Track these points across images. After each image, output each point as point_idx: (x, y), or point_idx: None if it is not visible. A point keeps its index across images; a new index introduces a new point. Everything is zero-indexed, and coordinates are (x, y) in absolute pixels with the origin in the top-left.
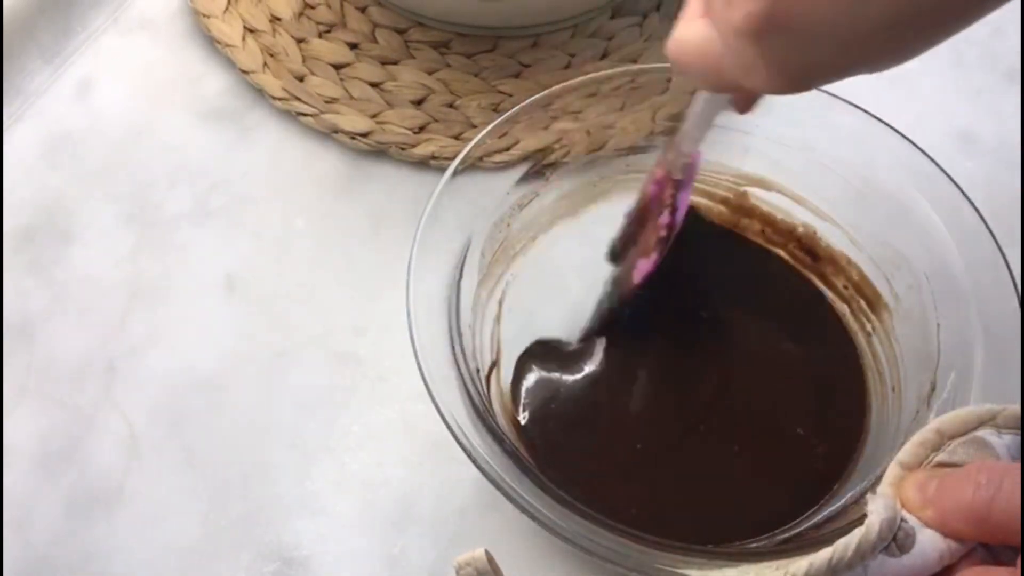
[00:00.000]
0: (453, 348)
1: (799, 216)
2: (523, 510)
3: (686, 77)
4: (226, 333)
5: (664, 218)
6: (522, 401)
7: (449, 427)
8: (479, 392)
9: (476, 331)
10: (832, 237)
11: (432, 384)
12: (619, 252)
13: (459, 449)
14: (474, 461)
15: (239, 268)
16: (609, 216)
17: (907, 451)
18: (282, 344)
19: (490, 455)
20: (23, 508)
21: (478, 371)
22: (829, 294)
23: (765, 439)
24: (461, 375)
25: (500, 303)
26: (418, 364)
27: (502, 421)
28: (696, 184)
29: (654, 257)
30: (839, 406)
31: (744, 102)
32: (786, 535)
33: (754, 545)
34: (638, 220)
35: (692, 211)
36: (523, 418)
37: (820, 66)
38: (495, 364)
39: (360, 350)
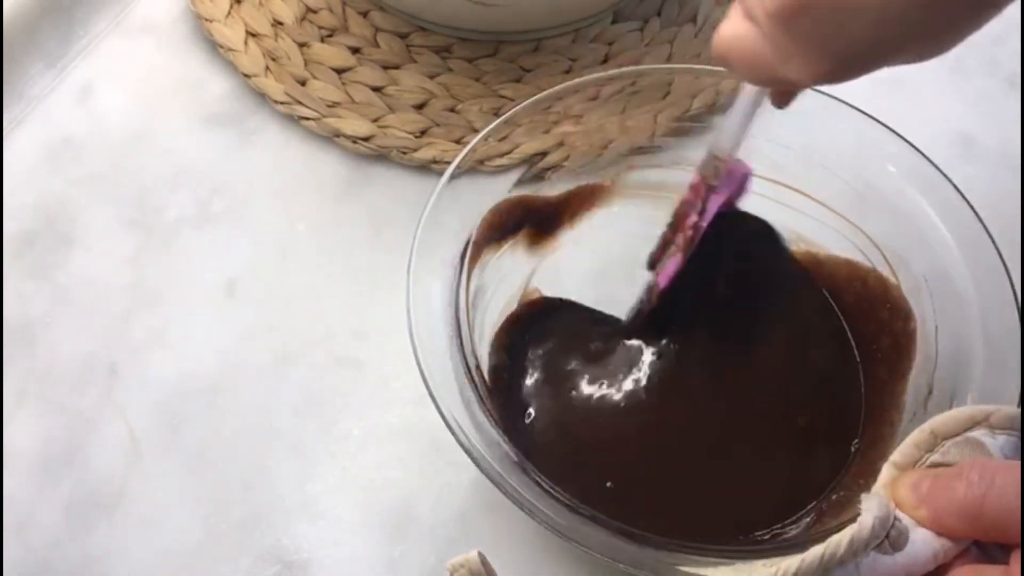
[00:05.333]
0: (454, 348)
1: (798, 220)
2: (522, 507)
3: (730, 71)
4: (227, 337)
5: (691, 219)
6: (523, 399)
7: (449, 426)
8: (479, 391)
9: (476, 326)
10: (832, 239)
11: (432, 383)
12: (655, 259)
13: (459, 452)
14: (473, 459)
15: (240, 272)
16: (610, 213)
17: (901, 452)
18: (283, 348)
19: (490, 454)
20: (24, 512)
21: (478, 367)
22: (831, 297)
23: (763, 437)
24: (462, 374)
25: None
26: (418, 363)
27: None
28: None
29: (678, 259)
30: (838, 404)
31: (781, 96)
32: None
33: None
34: (672, 227)
35: (734, 215)
36: (524, 416)
37: (854, 47)
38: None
39: (360, 354)
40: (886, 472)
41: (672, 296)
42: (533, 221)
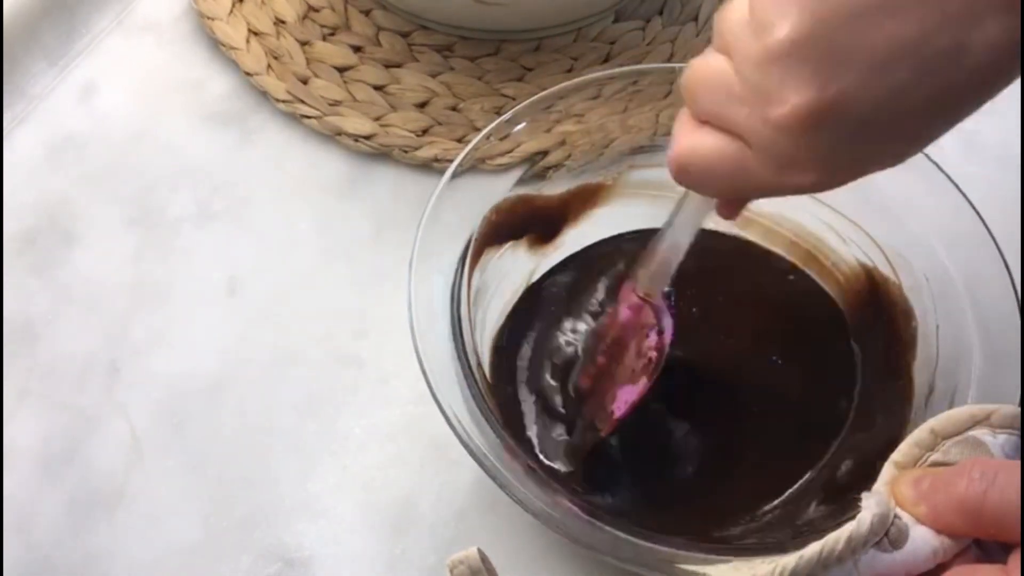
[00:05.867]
0: (455, 346)
1: (800, 218)
2: (522, 505)
3: (694, 188)
4: (228, 335)
5: (651, 340)
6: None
7: (450, 423)
8: (480, 390)
9: (477, 325)
10: (833, 238)
11: (433, 382)
12: (584, 387)
13: (460, 451)
14: (474, 457)
15: (241, 270)
16: (611, 213)
17: (901, 451)
18: (284, 346)
19: (491, 452)
20: (25, 510)
21: (479, 366)
22: (831, 292)
23: (763, 432)
24: (463, 373)
25: None
26: (419, 362)
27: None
28: None
29: (642, 383)
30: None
31: (732, 207)
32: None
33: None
34: (608, 349)
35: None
36: (524, 414)
37: (862, 156)
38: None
39: (362, 352)
40: (887, 471)
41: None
42: (535, 227)
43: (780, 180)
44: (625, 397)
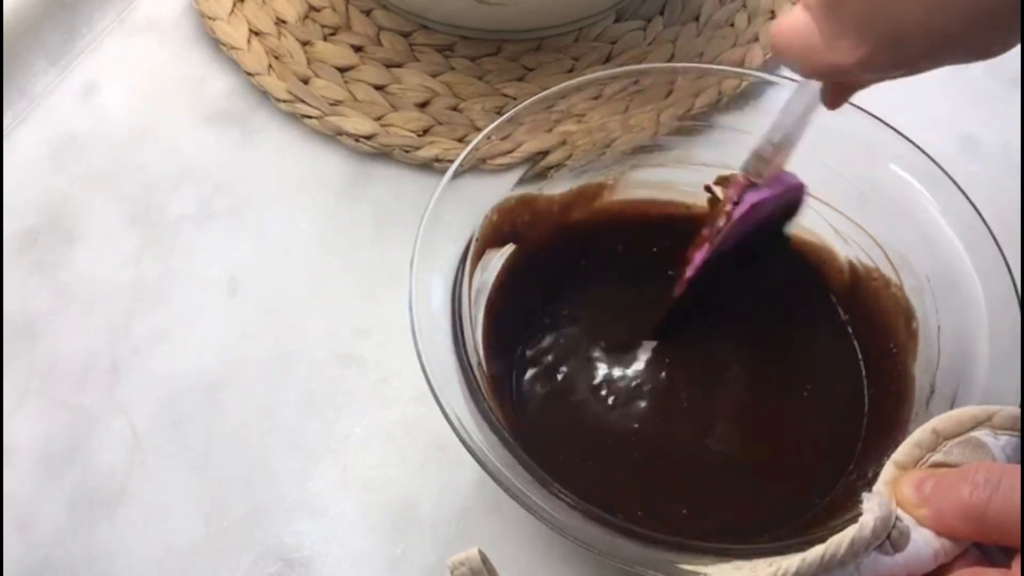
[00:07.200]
0: (455, 346)
1: (801, 217)
2: (523, 505)
3: (782, 60)
4: (229, 334)
5: (728, 208)
6: (524, 397)
7: (451, 423)
8: (480, 389)
9: (478, 325)
10: (835, 238)
11: (434, 381)
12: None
13: (461, 451)
14: (475, 457)
15: (242, 269)
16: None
17: (903, 451)
18: (285, 345)
19: (493, 453)
20: (26, 508)
21: (480, 365)
22: (833, 297)
23: (767, 436)
24: (464, 373)
25: None
26: (420, 361)
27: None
28: None
29: (705, 247)
30: (840, 403)
31: (835, 94)
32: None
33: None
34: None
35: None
36: (526, 413)
37: (898, 29)
38: None
39: (363, 352)
40: (888, 471)
41: (685, 301)
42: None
43: (833, 52)
44: (694, 261)
